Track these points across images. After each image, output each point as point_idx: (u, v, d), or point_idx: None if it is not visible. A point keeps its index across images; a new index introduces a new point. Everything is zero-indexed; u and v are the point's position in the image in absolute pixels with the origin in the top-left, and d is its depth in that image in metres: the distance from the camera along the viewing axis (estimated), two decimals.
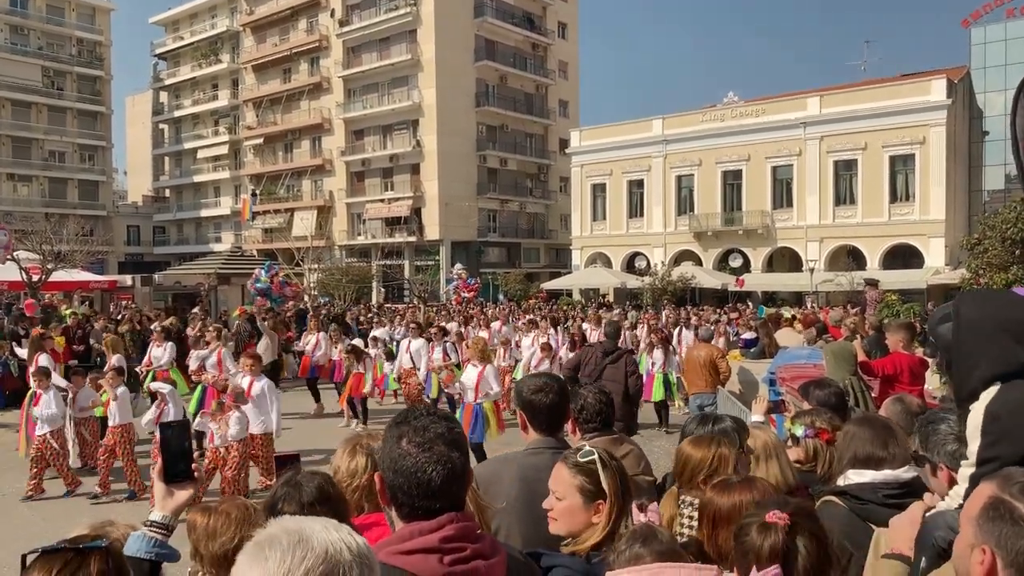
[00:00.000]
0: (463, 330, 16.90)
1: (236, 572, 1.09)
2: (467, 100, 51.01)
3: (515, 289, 43.36)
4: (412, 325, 13.89)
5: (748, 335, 13.38)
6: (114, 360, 10.31)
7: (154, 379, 11.00)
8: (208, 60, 62.17)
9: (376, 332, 15.55)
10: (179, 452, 1.94)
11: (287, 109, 56.47)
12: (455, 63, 49.55)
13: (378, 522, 2.42)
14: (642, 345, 15.53)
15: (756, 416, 4.38)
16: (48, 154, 58.82)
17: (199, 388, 10.52)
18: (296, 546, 1.08)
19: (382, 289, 47.45)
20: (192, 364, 11.71)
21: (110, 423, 8.49)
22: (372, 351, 12.97)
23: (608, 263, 44.11)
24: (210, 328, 12.35)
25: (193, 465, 1.95)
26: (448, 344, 12.76)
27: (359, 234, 53.25)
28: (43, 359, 10.22)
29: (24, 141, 57.41)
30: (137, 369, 12.41)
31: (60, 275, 21.89)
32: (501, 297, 40.02)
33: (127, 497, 8.20)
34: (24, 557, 1.59)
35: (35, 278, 19.55)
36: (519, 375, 12.99)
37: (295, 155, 56.75)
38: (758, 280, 37.40)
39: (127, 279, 28.67)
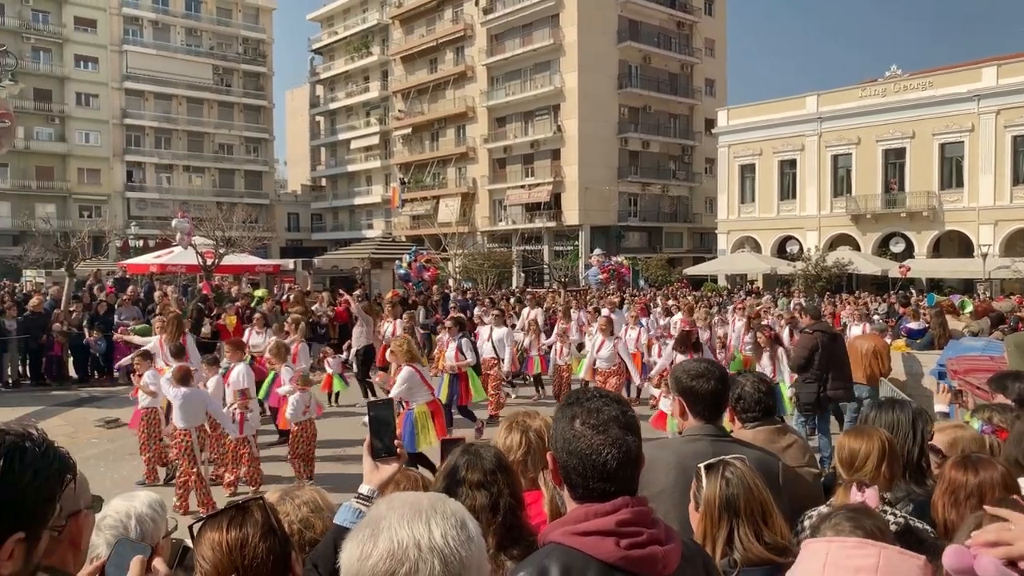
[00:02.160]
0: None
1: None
2: (609, 83, 50.51)
3: (656, 275, 42.67)
4: (495, 313, 13.28)
5: (914, 324, 12.45)
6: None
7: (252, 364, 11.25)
8: (360, 53, 64.91)
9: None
10: (385, 429, 2.06)
11: (433, 99, 58.05)
12: (597, 46, 49.14)
13: (537, 500, 2.46)
14: (733, 339, 14.08)
15: (940, 407, 4.11)
16: (218, 147, 63.63)
17: (271, 374, 10.00)
18: (367, 540, 1.16)
19: (522, 274, 48.06)
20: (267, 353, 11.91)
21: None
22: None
23: (757, 248, 42.50)
24: (289, 320, 12.14)
25: (397, 442, 2.05)
26: (463, 341, 10.59)
27: (500, 220, 54.08)
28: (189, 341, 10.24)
29: (197, 135, 62.38)
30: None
31: (230, 259, 23.64)
32: (642, 283, 39.49)
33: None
34: (191, 527, 1.74)
35: (209, 262, 21.16)
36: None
37: (441, 144, 58.31)
38: (923, 266, 34.82)
39: (289, 263, 30.56)
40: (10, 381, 14.58)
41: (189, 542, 2.23)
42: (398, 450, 2.07)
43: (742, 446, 2.85)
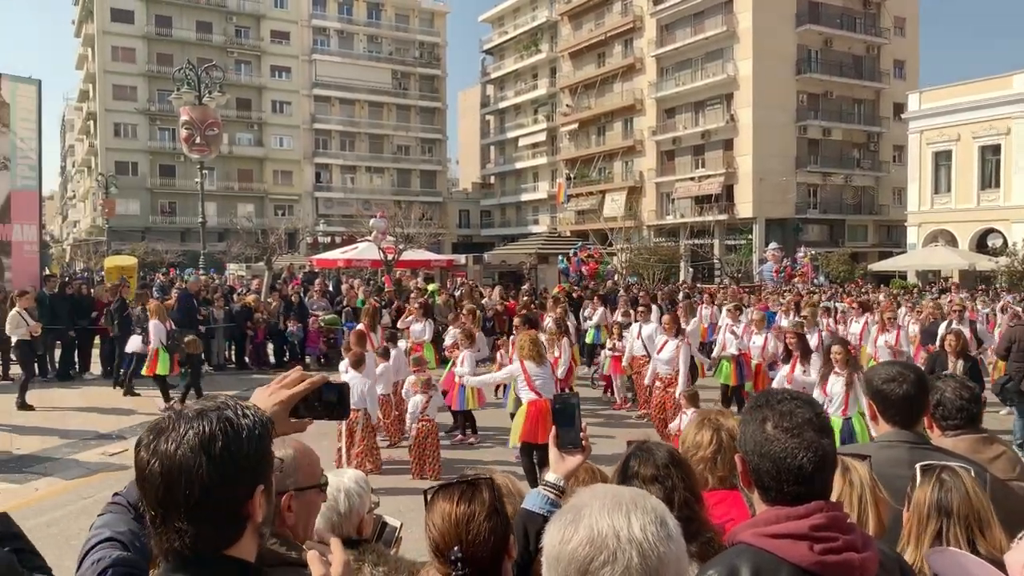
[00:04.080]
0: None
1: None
2: (786, 69, 48.16)
3: (838, 271, 40.20)
4: (641, 309, 12.65)
5: None
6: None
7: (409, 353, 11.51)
8: (529, 51, 65.97)
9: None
10: (571, 422, 2.13)
11: (600, 93, 57.94)
12: (774, 30, 46.97)
13: (724, 500, 2.45)
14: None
15: None
16: (396, 148, 67.06)
17: (449, 364, 10.35)
18: (568, 525, 1.20)
19: (690, 269, 46.93)
20: (447, 340, 12.15)
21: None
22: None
23: (952, 241, 38.96)
24: (464, 311, 12.51)
25: (582, 435, 2.12)
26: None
27: (668, 213, 53.10)
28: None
29: (377, 138, 66.04)
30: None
31: (408, 255, 24.93)
32: (822, 278, 37.37)
33: None
34: (426, 493, 1.87)
35: (390, 257, 22.43)
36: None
37: (607, 138, 58.12)
38: None
39: (461, 258, 31.75)
40: (215, 365, 16.20)
41: (392, 521, 2.42)
42: (583, 443, 2.13)
43: (943, 454, 2.67)
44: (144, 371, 12.18)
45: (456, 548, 1.70)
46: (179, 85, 19.42)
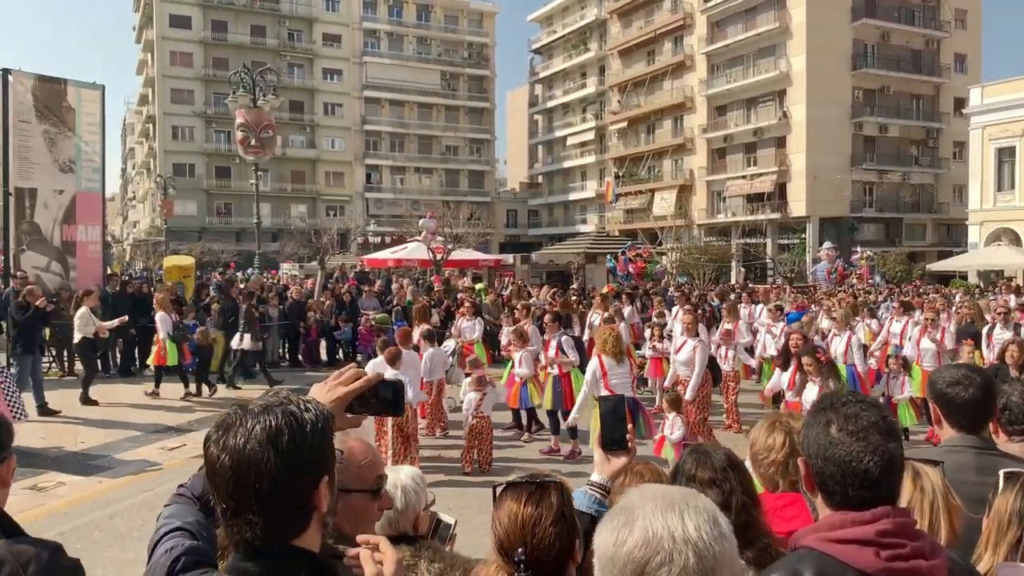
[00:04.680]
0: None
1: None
2: (842, 64, 47.10)
3: (895, 270, 39.17)
4: (687, 308, 12.26)
5: None
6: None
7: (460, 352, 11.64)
8: (578, 50, 65.79)
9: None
10: (616, 423, 2.15)
11: (650, 91, 57.48)
12: (829, 25, 45.98)
13: (793, 502, 2.41)
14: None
15: None
16: (445, 148, 67.53)
17: (510, 364, 10.33)
18: (622, 527, 1.20)
19: (741, 269, 46.23)
20: (504, 340, 12.18)
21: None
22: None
23: (1016, 240, 37.61)
24: (519, 306, 12.64)
25: (628, 436, 2.12)
26: (563, 338, 9.78)
27: (719, 212, 52.41)
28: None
29: (426, 138, 66.60)
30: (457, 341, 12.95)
31: (456, 254, 25.10)
32: (878, 279, 36.46)
33: None
34: (495, 488, 1.88)
35: (439, 257, 22.61)
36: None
37: (657, 136, 57.64)
38: None
39: (508, 258, 31.82)
40: (272, 362, 16.53)
41: (447, 518, 2.44)
42: (629, 444, 2.13)
43: (1011, 460, 2.59)
44: (150, 361, 12.86)
45: (520, 550, 1.70)
46: (235, 88, 19.85)
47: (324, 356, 16.75)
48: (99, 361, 13.55)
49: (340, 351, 16.75)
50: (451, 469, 8.63)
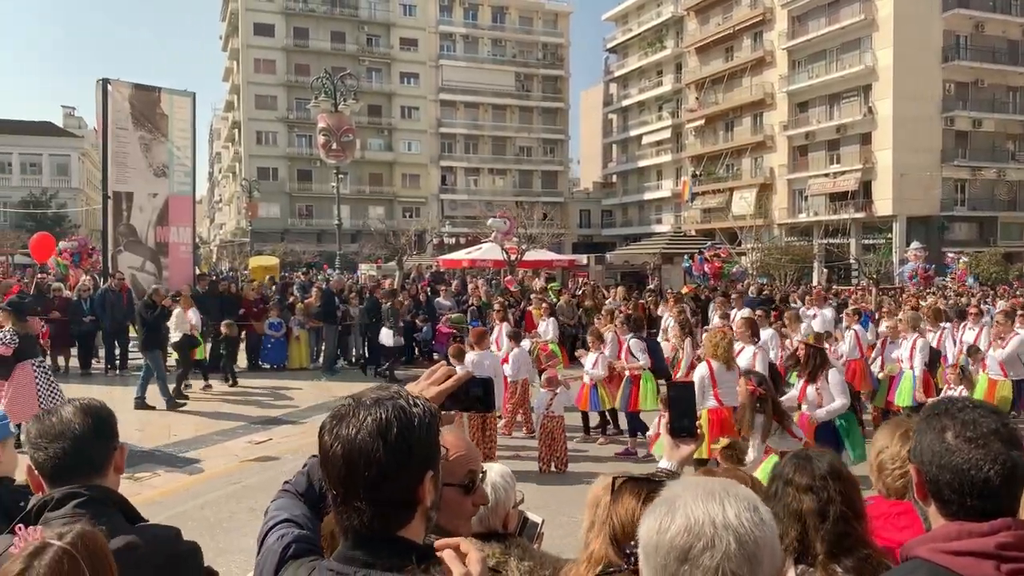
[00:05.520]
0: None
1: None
2: (931, 57, 45.16)
3: (988, 271, 37.30)
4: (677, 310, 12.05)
5: None
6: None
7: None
8: (654, 48, 65.07)
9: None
10: (685, 410, 2.14)
11: (728, 88, 56.40)
12: (918, 16, 44.16)
13: (907, 511, 2.34)
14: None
15: None
16: (518, 149, 67.81)
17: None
18: (664, 515, 1.22)
19: (824, 270, 44.84)
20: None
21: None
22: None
23: None
24: (496, 303, 12.66)
25: (697, 423, 2.11)
26: (633, 341, 9.54)
27: (800, 211, 51.00)
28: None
29: (500, 140, 67.02)
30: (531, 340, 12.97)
31: (530, 255, 25.14)
32: (971, 281, 34.79)
33: None
34: (614, 481, 1.90)
35: (512, 257, 22.70)
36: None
37: (735, 134, 56.52)
38: None
39: (582, 258, 31.67)
40: (353, 359, 16.94)
41: (534, 516, 2.44)
42: (697, 431, 2.13)
43: None
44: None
45: (634, 543, 1.71)
46: (316, 93, 20.40)
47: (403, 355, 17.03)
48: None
49: (418, 350, 17.00)
50: (529, 469, 8.66)
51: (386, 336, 13.55)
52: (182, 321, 12.32)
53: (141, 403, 11.47)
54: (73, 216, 58.35)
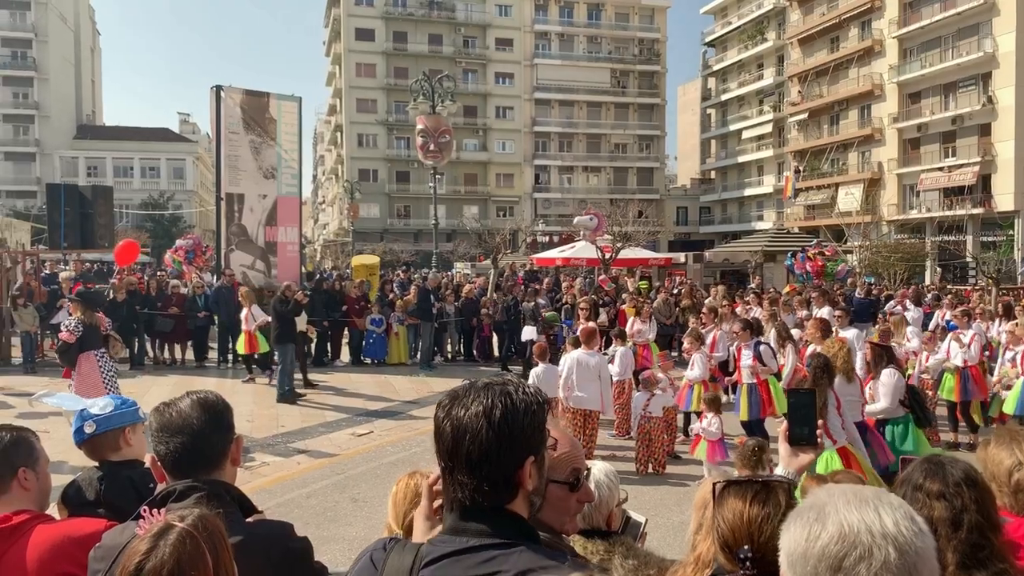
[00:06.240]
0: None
1: (781, 534, 1.25)
2: None
3: None
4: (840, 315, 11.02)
5: None
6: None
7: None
8: (754, 41, 63.29)
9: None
10: (804, 417, 2.10)
11: (833, 80, 54.24)
12: None
13: None
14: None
15: None
16: (613, 146, 67.27)
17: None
18: (814, 522, 1.16)
19: (937, 268, 42.49)
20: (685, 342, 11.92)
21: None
22: None
23: None
24: (705, 309, 12.38)
25: (818, 432, 2.05)
26: (762, 348, 9.34)
27: (911, 207, 48.51)
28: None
29: (595, 137, 66.66)
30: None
31: (625, 253, 24.86)
32: None
33: None
34: (714, 486, 1.88)
35: (607, 256, 22.51)
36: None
37: (841, 127, 54.30)
38: None
39: (680, 256, 31.12)
40: (449, 356, 17.25)
41: (636, 516, 2.42)
42: (818, 440, 2.09)
43: None
44: (240, 350, 13.80)
45: (747, 547, 1.69)
46: (415, 96, 20.84)
47: (496, 352, 17.20)
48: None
49: (513, 347, 17.11)
50: (626, 469, 8.60)
51: (529, 332, 13.83)
52: (304, 318, 12.95)
53: (289, 394, 12.09)
54: (188, 217, 61.73)
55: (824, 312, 12.00)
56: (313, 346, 15.86)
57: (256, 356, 13.84)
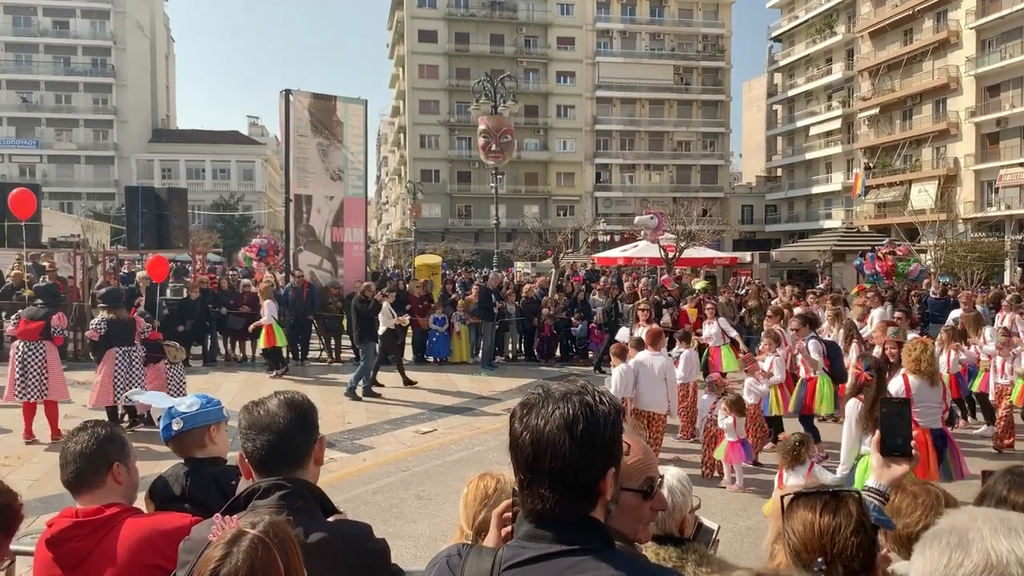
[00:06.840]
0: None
1: (913, 555, 1.18)
2: None
3: None
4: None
5: None
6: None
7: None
8: (822, 34, 61.64)
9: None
10: (897, 428, 2.05)
11: (906, 73, 52.45)
12: None
13: None
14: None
15: None
16: (676, 144, 66.41)
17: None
18: (955, 548, 1.09)
19: (1018, 268, 40.68)
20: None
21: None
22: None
23: None
24: (641, 303, 12.21)
25: (912, 443, 2.01)
26: (812, 343, 9.19)
27: (990, 205, 46.59)
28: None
29: (657, 135, 65.94)
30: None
31: (688, 252, 24.49)
32: None
33: None
34: (782, 499, 1.87)
35: (670, 255, 22.22)
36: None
37: (914, 122, 52.47)
38: None
39: (746, 256, 30.52)
40: (510, 355, 17.29)
41: (708, 522, 2.40)
42: (912, 451, 2.04)
43: None
44: (262, 344, 14.19)
45: (820, 559, 1.67)
46: (477, 96, 20.93)
47: (558, 352, 17.19)
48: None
49: (574, 347, 17.09)
50: (690, 473, 8.50)
51: (623, 335, 13.80)
52: (389, 316, 13.17)
53: (368, 391, 12.48)
54: (257, 218, 63.42)
55: (877, 313, 11.68)
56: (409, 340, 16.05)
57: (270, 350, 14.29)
